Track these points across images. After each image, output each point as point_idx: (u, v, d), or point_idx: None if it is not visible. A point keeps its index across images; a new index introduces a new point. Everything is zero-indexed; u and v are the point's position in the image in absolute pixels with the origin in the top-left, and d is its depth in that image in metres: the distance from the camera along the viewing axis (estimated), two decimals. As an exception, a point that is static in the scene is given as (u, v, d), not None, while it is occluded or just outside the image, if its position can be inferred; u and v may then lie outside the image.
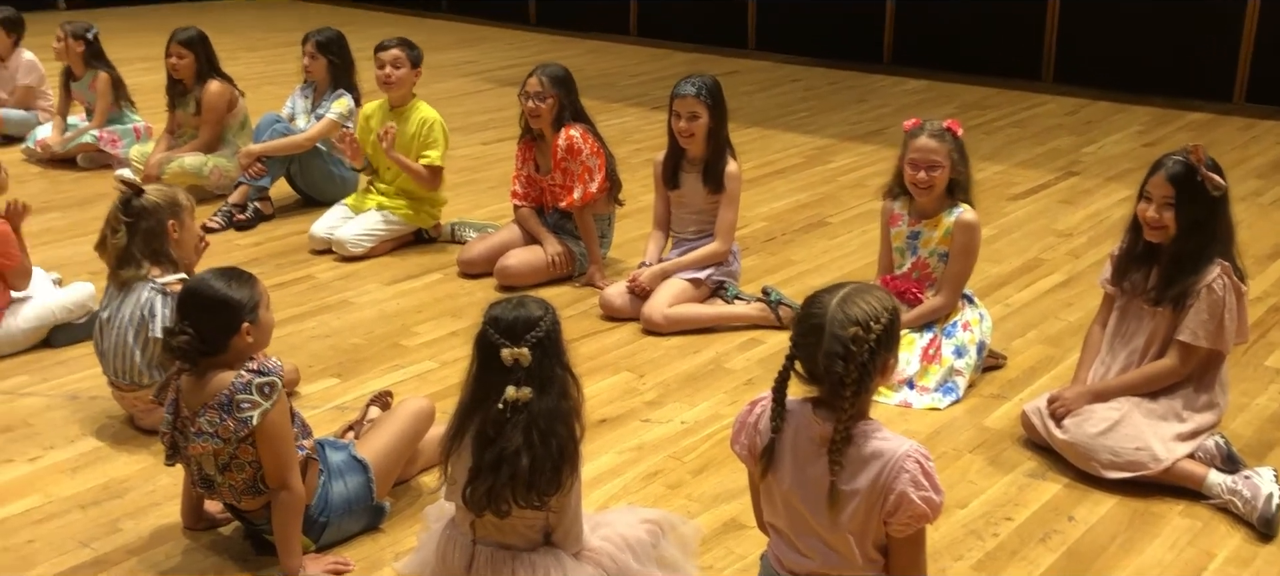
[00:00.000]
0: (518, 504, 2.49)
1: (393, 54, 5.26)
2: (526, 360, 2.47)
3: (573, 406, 2.54)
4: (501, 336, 2.49)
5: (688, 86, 4.41)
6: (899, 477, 2.25)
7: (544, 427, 2.48)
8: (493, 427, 2.50)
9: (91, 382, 3.96)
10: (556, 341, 2.53)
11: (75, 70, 6.80)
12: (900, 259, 4.07)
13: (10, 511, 3.23)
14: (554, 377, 2.51)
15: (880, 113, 8.41)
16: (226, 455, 2.79)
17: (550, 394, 2.49)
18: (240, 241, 5.55)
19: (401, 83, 5.27)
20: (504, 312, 2.52)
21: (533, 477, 2.48)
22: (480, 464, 2.51)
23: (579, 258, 4.98)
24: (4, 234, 4.12)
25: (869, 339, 2.21)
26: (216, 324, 2.80)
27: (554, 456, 2.49)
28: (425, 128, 5.27)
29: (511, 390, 2.47)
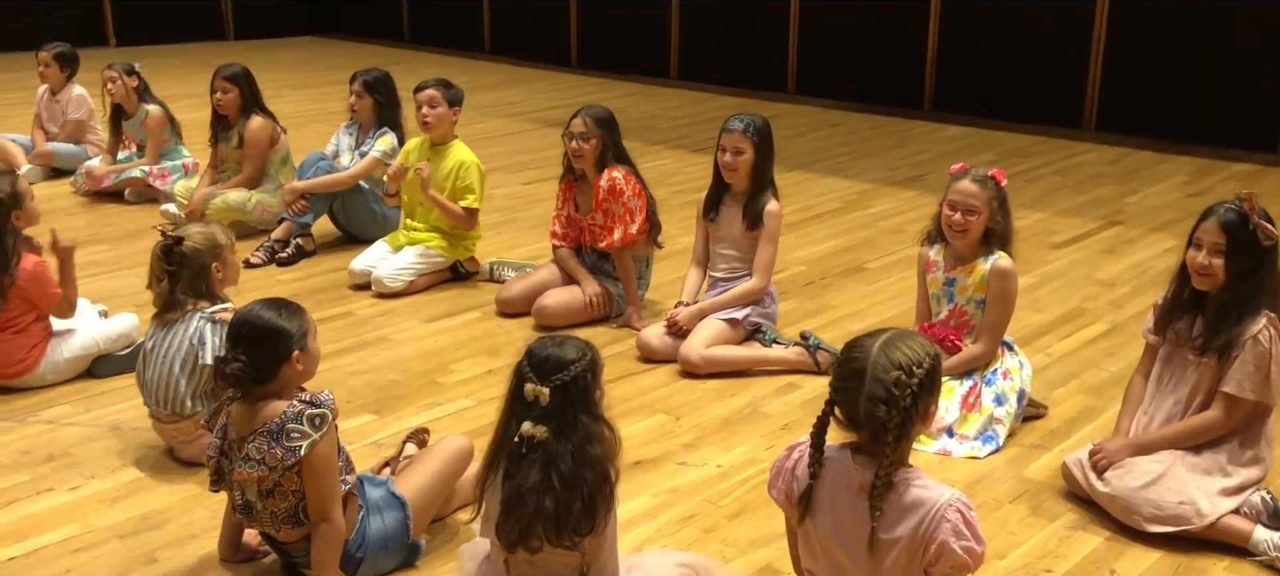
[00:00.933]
0: (549, 542, 2.49)
1: (429, 94, 5.33)
2: (545, 399, 2.48)
3: (603, 452, 2.53)
4: (531, 370, 2.51)
5: (736, 122, 4.46)
6: (940, 527, 2.23)
7: (565, 471, 2.47)
8: (511, 462, 2.51)
9: (133, 414, 4.00)
10: (584, 388, 2.52)
11: (127, 108, 6.93)
12: (937, 306, 4.05)
13: (50, 540, 3.26)
14: (575, 424, 2.50)
15: (920, 159, 8.39)
16: (271, 482, 2.81)
17: (569, 438, 2.49)
18: (281, 276, 5.61)
19: (439, 122, 5.34)
20: (541, 348, 2.54)
21: (561, 519, 2.47)
22: (506, 498, 2.51)
23: (617, 299, 4.98)
24: (39, 271, 4.18)
25: (911, 383, 2.20)
26: (267, 352, 2.84)
27: (583, 499, 2.48)
28: (461, 170, 5.33)
29: (527, 426, 2.48)
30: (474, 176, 5.33)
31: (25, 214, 4.18)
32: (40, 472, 3.65)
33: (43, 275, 4.20)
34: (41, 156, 7.42)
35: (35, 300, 4.20)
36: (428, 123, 5.33)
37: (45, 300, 4.22)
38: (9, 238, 4.10)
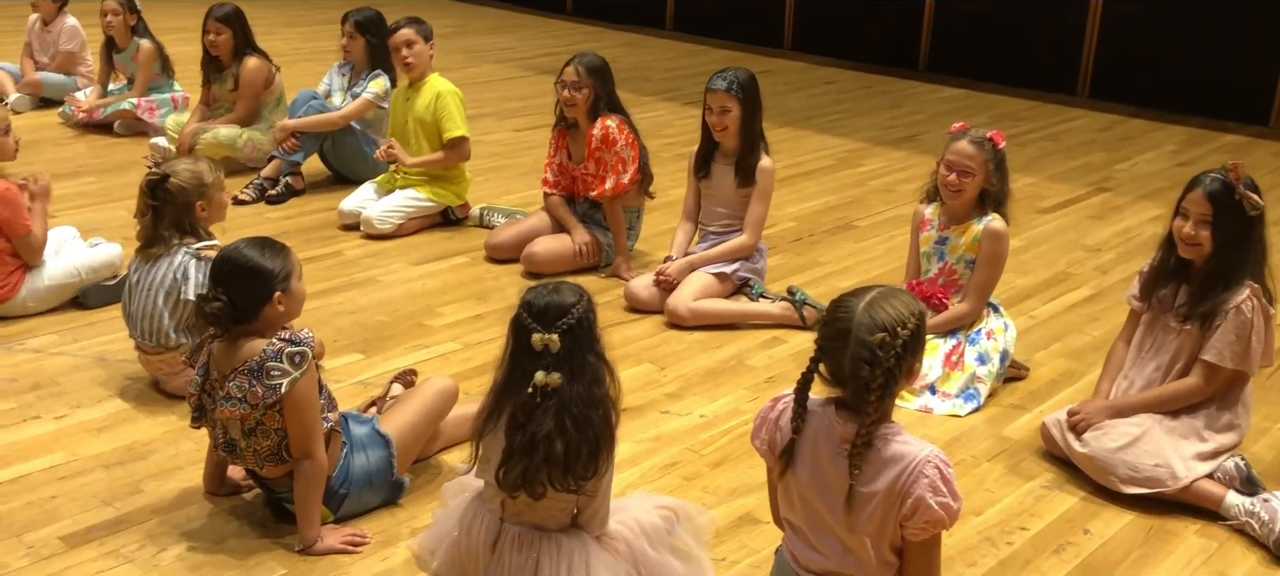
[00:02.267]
0: (554, 487, 2.51)
1: (405, 34, 5.31)
2: (556, 346, 2.49)
3: (607, 393, 2.56)
4: (534, 321, 2.51)
5: (719, 80, 4.42)
6: (918, 482, 2.26)
7: (577, 414, 2.49)
8: (523, 412, 2.52)
9: (119, 345, 4.01)
10: (589, 329, 2.54)
11: (119, 41, 6.88)
12: (927, 264, 4.07)
13: (36, 466, 3.28)
14: (585, 365, 2.52)
15: (913, 119, 8.38)
16: (253, 421, 2.82)
17: (581, 380, 2.51)
18: (271, 215, 5.60)
19: (419, 60, 5.33)
20: (538, 297, 2.54)
21: (569, 462, 2.49)
22: (513, 446, 2.52)
23: (606, 248, 4.99)
24: (9, 194, 4.14)
25: (895, 344, 2.22)
26: (248, 292, 2.84)
27: (590, 441, 2.50)
28: (439, 102, 5.32)
29: (541, 375, 2.49)
30: (453, 105, 5.32)
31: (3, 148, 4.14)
32: (26, 400, 3.66)
33: (14, 199, 4.15)
34: (30, 86, 7.37)
35: (3, 226, 4.14)
36: (409, 64, 5.32)
37: (14, 228, 4.17)
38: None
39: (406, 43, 5.29)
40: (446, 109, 5.31)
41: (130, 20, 6.81)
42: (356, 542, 2.95)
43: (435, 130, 5.35)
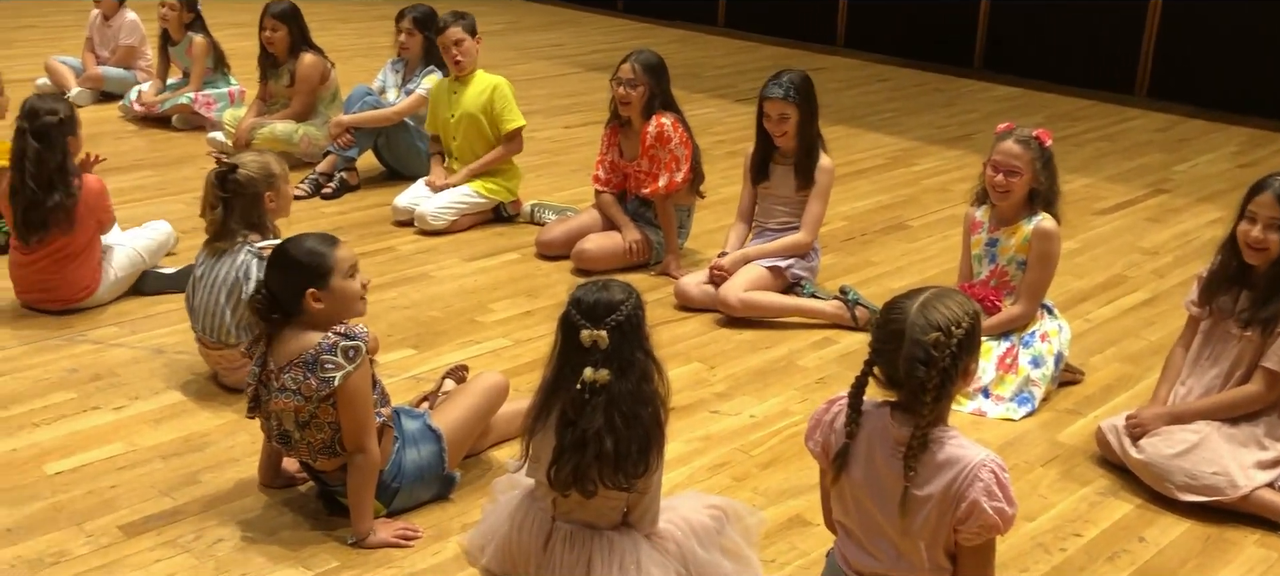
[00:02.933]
0: (605, 484, 2.52)
1: (454, 33, 5.30)
2: (604, 343, 2.50)
3: (656, 390, 2.57)
4: (582, 318, 2.52)
5: (775, 88, 4.39)
6: (972, 486, 2.24)
7: (626, 410, 2.50)
8: (572, 409, 2.53)
9: (178, 338, 4.08)
10: (637, 326, 2.55)
11: (173, 33, 6.98)
12: (978, 266, 4.03)
13: (96, 456, 3.34)
14: (634, 361, 2.53)
15: (967, 118, 8.30)
16: (307, 413, 2.86)
17: (630, 377, 2.52)
18: (325, 209, 5.66)
19: (469, 56, 5.35)
20: (587, 294, 2.55)
21: (619, 459, 2.50)
22: (563, 444, 2.54)
23: (656, 246, 5.00)
24: (103, 187, 4.24)
25: (950, 344, 2.21)
26: (286, 284, 2.89)
27: (640, 438, 2.51)
28: (495, 96, 5.33)
29: (589, 371, 2.50)
30: (507, 95, 5.34)
31: (77, 141, 4.23)
32: (87, 391, 3.73)
33: (104, 190, 4.27)
34: (91, 80, 7.50)
35: (102, 218, 4.26)
36: (459, 62, 5.34)
37: (110, 215, 4.31)
38: (67, 160, 4.14)
39: (455, 41, 5.31)
40: (505, 101, 5.33)
41: (186, 17, 6.91)
42: (408, 536, 2.97)
43: (485, 125, 5.36)
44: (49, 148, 4.09)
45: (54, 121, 4.10)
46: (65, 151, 4.13)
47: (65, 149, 4.13)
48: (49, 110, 4.13)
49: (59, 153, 4.11)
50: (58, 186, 4.09)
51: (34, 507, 3.07)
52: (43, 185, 4.07)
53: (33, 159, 4.08)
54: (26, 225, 4.13)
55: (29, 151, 4.08)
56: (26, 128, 4.10)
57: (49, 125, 4.09)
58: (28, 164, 4.08)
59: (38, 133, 4.08)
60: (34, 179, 4.08)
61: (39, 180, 4.08)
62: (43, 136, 4.08)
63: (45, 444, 3.40)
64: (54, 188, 4.09)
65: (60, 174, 4.10)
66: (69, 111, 4.19)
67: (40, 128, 4.09)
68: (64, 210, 4.11)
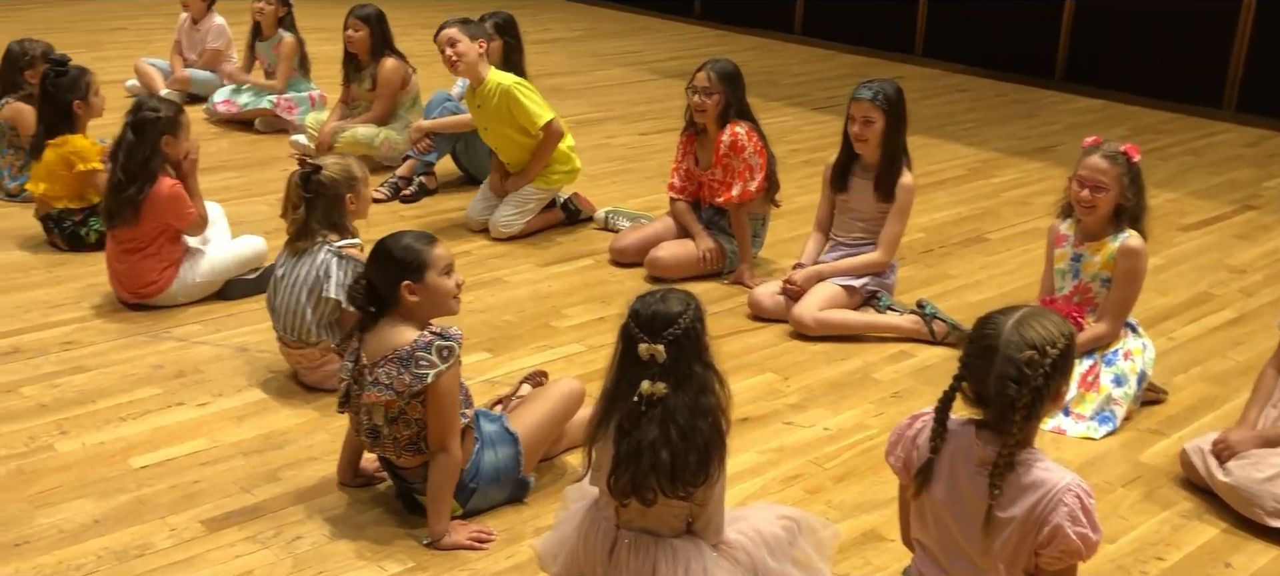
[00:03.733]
0: (664, 494, 2.52)
1: (448, 34, 5.13)
2: (661, 356, 2.50)
3: (716, 402, 2.56)
4: (640, 330, 2.52)
5: (865, 90, 4.36)
6: (1057, 510, 2.20)
7: (682, 423, 2.50)
8: (629, 420, 2.54)
9: (259, 336, 4.16)
10: (696, 338, 2.54)
11: (265, 28, 7.12)
12: (1061, 281, 3.96)
13: (180, 451, 3.42)
14: (691, 374, 2.52)
15: (1049, 129, 8.17)
16: (397, 409, 2.90)
17: (687, 389, 2.51)
18: (404, 213, 5.73)
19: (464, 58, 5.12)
20: (645, 306, 2.55)
21: (676, 470, 2.50)
22: (620, 453, 2.55)
23: (730, 255, 4.98)
24: (175, 192, 4.34)
25: (1044, 363, 2.17)
26: (382, 276, 2.95)
27: (699, 450, 2.51)
28: (506, 100, 5.15)
29: (646, 384, 2.51)
30: (521, 98, 5.16)
31: (176, 144, 4.33)
32: (171, 388, 3.81)
33: (179, 196, 4.36)
34: (179, 82, 7.67)
35: (171, 222, 4.36)
36: (454, 64, 5.13)
37: (182, 221, 4.39)
38: (155, 157, 4.27)
39: (450, 42, 5.12)
40: (519, 105, 5.17)
41: (280, 11, 7.06)
42: (483, 539, 3.00)
43: (515, 127, 5.28)
44: (141, 141, 4.25)
45: (151, 117, 4.26)
46: (155, 149, 4.26)
47: (156, 146, 4.26)
48: (151, 107, 4.30)
49: (148, 148, 4.25)
50: (138, 179, 4.24)
51: (120, 500, 3.15)
52: (128, 175, 4.24)
53: (125, 149, 4.25)
54: (107, 210, 4.32)
55: (124, 141, 4.26)
56: (129, 118, 4.28)
57: (146, 120, 4.25)
58: (121, 153, 4.27)
59: (135, 125, 4.25)
60: (123, 168, 4.25)
61: (126, 170, 4.25)
62: (138, 129, 4.25)
63: (131, 438, 3.48)
64: (134, 179, 4.24)
65: (143, 168, 4.24)
66: (172, 113, 4.31)
67: (138, 121, 4.26)
68: (133, 203, 4.25)
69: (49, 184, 4.92)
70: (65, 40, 6.48)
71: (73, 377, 3.85)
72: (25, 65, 5.59)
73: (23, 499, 3.14)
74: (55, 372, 3.88)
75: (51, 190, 4.93)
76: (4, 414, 3.59)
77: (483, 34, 5.24)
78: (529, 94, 5.25)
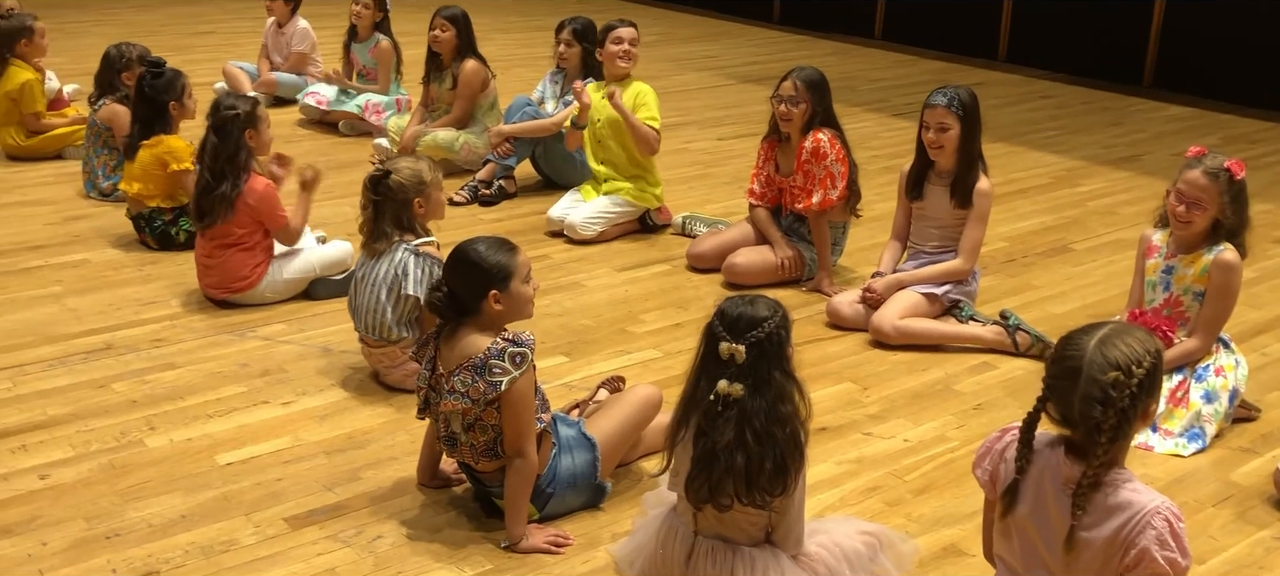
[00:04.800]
0: (739, 501, 2.51)
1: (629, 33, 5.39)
2: (741, 356, 2.49)
3: (794, 411, 2.54)
4: (724, 329, 2.53)
5: (939, 96, 4.31)
6: (1144, 532, 2.15)
7: (758, 427, 2.49)
8: (706, 420, 2.54)
9: (342, 337, 4.22)
10: (778, 345, 2.53)
11: (361, 31, 7.24)
12: (1151, 293, 3.87)
13: (264, 449, 3.48)
14: (770, 380, 2.51)
15: (1137, 138, 7.99)
16: (473, 415, 2.93)
17: (764, 394, 2.50)
18: (483, 216, 5.78)
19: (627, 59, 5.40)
20: (732, 307, 2.56)
21: (751, 476, 2.49)
22: (696, 455, 2.55)
23: (809, 262, 4.95)
24: (269, 192, 4.43)
25: (1130, 384, 2.12)
26: (467, 286, 2.95)
27: (775, 458, 2.49)
28: (639, 96, 5.36)
29: (724, 384, 2.51)
30: (650, 98, 5.37)
31: (258, 137, 4.43)
32: (256, 386, 3.89)
33: (272, 197, 4.46)
34: (265, 85, 7.83)
35: (263, 220, 4.45)
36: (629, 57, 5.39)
37: (272, 222, 4.48)
38: (241, 152, 4.37)
39: (631, 41, 5.38)
40: (645, 99, 5.36)
41: (377, 16, 7.18)
42: (560, 543, 3.01)
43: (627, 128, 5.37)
44: (224, 139, 4.35)
45: (231, 115, 4.36)
46: (239, 145, 4.35)
47: (240, 142, 4.36)
48: (228, 105, 4.40)
49: (232, 145, 4.35)
50: (227, 176, 4.34)
51: (206, 496, 3.22)
52: (216, 174, 4.35)
53: (210, 150, 4.36)
54: (198, 211, 4.42)
55: (208, 143, 4.37)
56: (209, 121, 4.39)
57: (226, 119, 4.36)
58: (206, 154, 4.38)
59: (218, 126, 4.36)
60: (209, 169, 4.36)
61: (213, 170, 4.35)
62: (221, 129, 4.36)
63: (217, 435, 3.56)
64: (224, 177, 4.34)
65: (231, 165, 4.34)
66: (250, 108, 4.41)
67: (220, 121, 4.36)
68: (227, 200, 4.34)
69: (142, 184, 5.05)
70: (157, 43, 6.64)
71: (162, 374, 3.94)
72: (122, 67, 5.77)
73: (114, 492, 3.22)
74: (145, 369, 3.98)
75: (144, 190, 5.06)
76: (97, 408, 3.69)
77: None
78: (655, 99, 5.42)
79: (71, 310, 4.47)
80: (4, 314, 4.42)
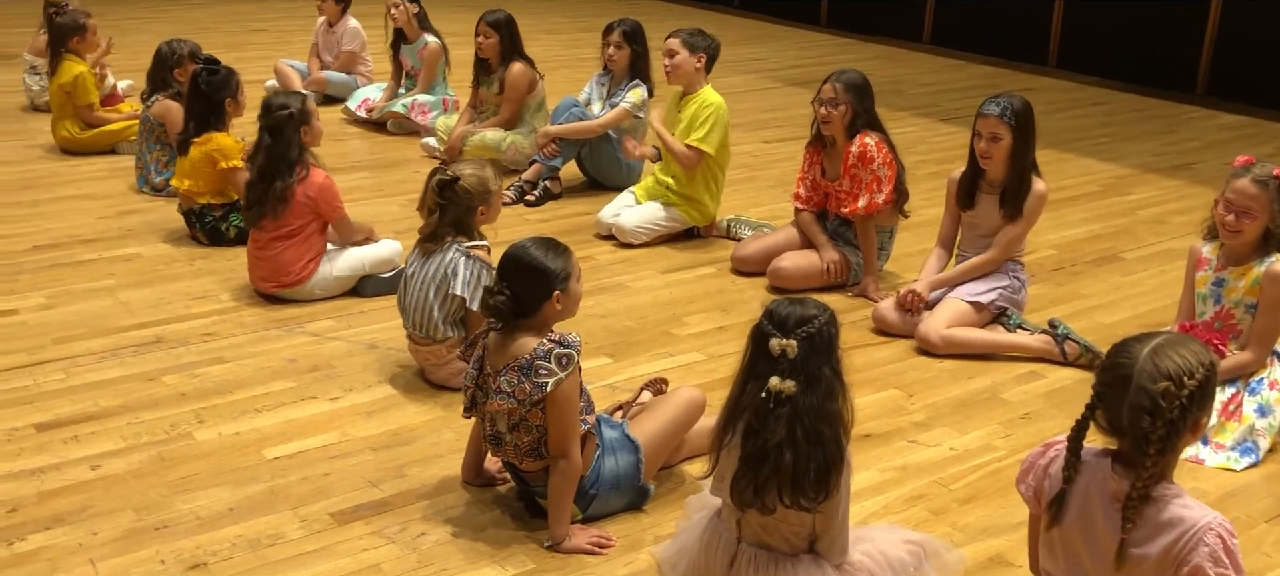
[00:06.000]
0: (784, 502, 2.50)
1: (669, 44, 5.33)
2: (793, 352, 2.49)
3: (840, 410, 2.53)
4: (774, 328, 2.52)
5: (992, 106, 4.26)
6: (1197, 549, 2.12)
7: (808, 426, 2.48)
8: (757, 419, 2.53)
9: (389, 334, 4.25)
10: (828, 342, 2.53)
11: (408, 33, 7.31)
12: (1202, 306, 3.81)
13: (311, 444, 3.51)
14: (820, 376, 2.50)
15: (1188, 146, 7.88)
16: (518, 416, 2.94)
17: (815, 391, 2.49)
18: (529, 216, 5.80)
19: (677, 70, 5.32)
20: (780, 307, 2.56)
21: (797, 476, 2.48)
22: (746, 454, 2.54)
23: (855, 267, 4.92)
24: (327, 184, 4.48)
25: (1181, 395, 2.09)
26: (530, 289, 2.95)
27: (820, 460, 2.48)
28: (699, 110, 5.30)
29: (776, 380, 2.50)
30: (708, 116, 5.27)
31: (311, 131, 4.49)
32: (304, 381, 3.92)
33: (331, 189, 4.51)
34: (316, 83, 7.90)
35: (322, 212, 4.51)
36: (669, 74, 5.36)
37: (331, 213, 4.54)
38: (294, 148, 4.42)
39: (668, 52, 5.33)
40: (701, 117, 5.30)
41: (413, 8, 7.23)
42: (602, 544, 3.01)
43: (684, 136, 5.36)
44: (278, 139, 4.41)
45: (284, 116, 4.41)
46: (292, 142, 4.41)
47: (293, 140, 4.41)
48: (279, 105, 4.44)
49: (285, 143, 4.41)
50: (282, 173, 4.39)
51: (254, 489, 3.25)
52: (268, 174, 4.40)
53: (265, 151, 4.42)
54: (249, 205, 4.48)
55: (262, 144, 4.42)
56: (262, 122, 4.44)
57: (280, 120, 4.40)
58: (259, 154, 4.43)
59: (272, 128, 4.41)
60: (262, 168, 4.42)
61: (265, 170, 4.41)
62: (275, 131, 4.41)
63: (265, 429, 3.59)
64: (278, 174, 4.39)
65: (285, 163, 4.40)
66: (300, 105, 4.45)
67: (274, 123, 4.41)
68: (282, 195, 4.39)
69: (193, 180, 5.12)
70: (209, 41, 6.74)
71: (211, 368, 3.99)
72: (174, 64, 5.85)
73: (163, 484, 3.26)
74: (195, 363, 4.03)
75: (195, 186, 5.13)
76: (147, 401, 3.75)
77: (703, 49, 5.37)
78: (719, 119, 5.32)
79: (123, 303, 4.54)
80: (58, 305, 4.50)
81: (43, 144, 6.77)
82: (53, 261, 4.96)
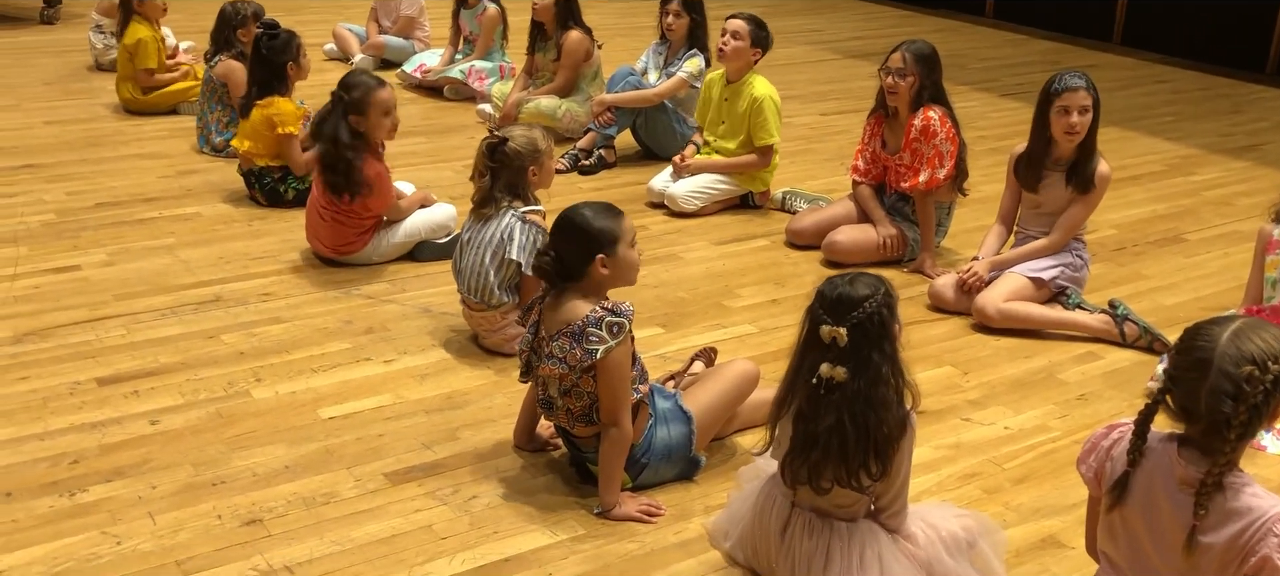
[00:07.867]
0: (838, 484, 2.49)
1: (736, 24, 5.25)
2: (843, 340, 2.47)
3: (890, 395, 2.51)
4: (825, 312, 2.50)
5: (1075, 78, 4.15)
6: (1266, 540, 2.07)
7: (857, 413, 2.46)
8: (808, 404, 2.52)
9: (443, 298, 4.28)
10: (880, 325, 2.50)
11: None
12: (1270, 290, 3.73)
13: (365, 405, 3.55)
14: (870, 362, 2.48)
15: (1256, 127, 7.70)
16: (569, 381, 2.94)
17: (864, 378, 2.47)
18: (582, 184, 5.80)
19: (736, 56, 5.25)
20: (832, 288, 2.53)
21: (850, 460, 2.47)
22: (796, 438, 2.53)
23: (912, 242, 4.87)
24: (385, 178, 4.50)
25: (1265, 380, 2.03)
26: (576, 250, 2.95)
27: (873, 444, 2.47)
28: (755, 107, 5.25)
29: (826, 368, 2.48)
30: (768, 111, 5.24)
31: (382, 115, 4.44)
32: (359, 343, 3.96)
33: (383, 178, 4.50)
34: (373, 47, 7.94)
35: (372, 205, 4.49)
36: (723, 54, 5.26)
37: (383, 203, 4.54)
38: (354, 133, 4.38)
39: (733, 32, 5.23)
40: (762, 117, 5.24)
41: None
42: (652, 513, 3.02)
43: (745, 130, 5.33)
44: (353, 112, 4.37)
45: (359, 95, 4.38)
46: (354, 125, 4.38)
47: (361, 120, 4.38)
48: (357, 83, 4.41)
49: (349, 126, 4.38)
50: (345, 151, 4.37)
51: (309, 448, 3.29)
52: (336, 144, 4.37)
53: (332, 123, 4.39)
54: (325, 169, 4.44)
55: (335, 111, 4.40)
56: (342, 96, 4.40)
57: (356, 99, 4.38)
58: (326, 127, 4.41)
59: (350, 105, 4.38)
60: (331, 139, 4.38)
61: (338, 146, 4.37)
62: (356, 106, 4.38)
63: (321, 389, 3.63)
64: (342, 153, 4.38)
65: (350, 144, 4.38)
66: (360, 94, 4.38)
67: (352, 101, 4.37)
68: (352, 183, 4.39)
69: (252, 142, 5.17)
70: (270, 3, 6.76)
71: (269, 328, 4.04)
72: (238, 24, 5.89)
73: (221, 441, 3.31)
74: (253, 322, 4.08)
75: (254, 148, 5.18)
76: (206, 358, 3.80)
77: (762, 44, 5.30)
78: (776, 112, 5.29)
79: (184, 262, 4.60)
80: (119, 262, 4.57)
81: (107, 103, 6.87)
82: (116, 219, 5.04)
